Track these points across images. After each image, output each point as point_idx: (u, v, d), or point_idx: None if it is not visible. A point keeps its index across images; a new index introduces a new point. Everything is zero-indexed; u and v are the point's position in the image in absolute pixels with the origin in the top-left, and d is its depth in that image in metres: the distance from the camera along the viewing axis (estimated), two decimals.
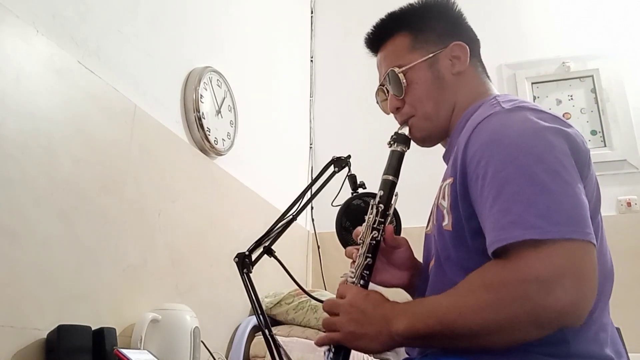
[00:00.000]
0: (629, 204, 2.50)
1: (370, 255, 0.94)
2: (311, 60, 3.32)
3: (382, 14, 1.12)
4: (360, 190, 1.32)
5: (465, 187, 0.82)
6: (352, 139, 2.92)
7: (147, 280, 1.55)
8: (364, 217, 1.01)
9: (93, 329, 1.25)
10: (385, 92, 1.07)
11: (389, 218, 0.98)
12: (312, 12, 3.41)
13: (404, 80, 1.00)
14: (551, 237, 0.69)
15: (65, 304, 1.25)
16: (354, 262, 0.97)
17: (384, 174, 1.00)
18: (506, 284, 0.71)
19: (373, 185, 1.31)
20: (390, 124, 1.10)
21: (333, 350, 0.88)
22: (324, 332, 0.89)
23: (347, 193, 1.32)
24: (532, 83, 2.87)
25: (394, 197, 0.98)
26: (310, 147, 3.13)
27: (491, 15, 2.89)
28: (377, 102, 1.13)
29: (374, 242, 0.95)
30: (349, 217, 1.25)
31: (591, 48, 2.80)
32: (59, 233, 1.26)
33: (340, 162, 1.35)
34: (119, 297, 1.43)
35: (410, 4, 1.06)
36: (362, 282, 0.93)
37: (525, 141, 0.77)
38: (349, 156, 1.37)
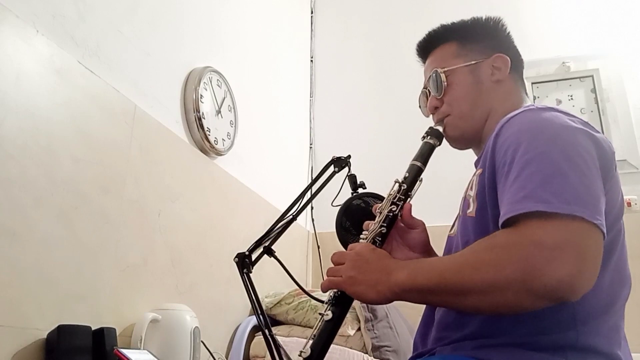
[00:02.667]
0: (629, 204, 2.50)
1: (385, 225, 0.97)
2: (311, 60, 3.32)
3: (381, 15, 1.13)
4: (360, 190, 1.32)
5: (492, 175, 0.85)
6: (352, 139, 2.92)
7: (147, 280, 1.55)
8: (364, 217, 1.02)
9: (93, 329, 1.25)
10: (427, 94, 1.11)
11: (410, 199, 1.01)
12: (312, 12, 3.41)
13: (445, 81, 1.05)
14: (560, 212, 0.71)
15: (65, 304, 1.25)
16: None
17: (413, 160, 1.03)
18: (509, 246, 0.73)
19: (373, 185, 1.31)
20: (391, 125, 1.10)
21: (333, 302, 0.90)
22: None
23: (347, 193, 1.32)
24: (532, 83, 2.86)
25: (418, 181, 1.02)
26: (310, 147, 3.13)
27: (491, 15, 2.89)
28: (419, 107, 1.17)
29: (391, 214, 0.98)
30: (349, 217, 1.25)
31: (591, 48, 2.80)
32: (59, 233, 1.26)
33: (340, 162, 1.35)
34: (119, 297, 1.43)
35: (462, 19, 1.12)
36: None
37: (552, 133, 0.80)
38: (349, 156, 1.37)
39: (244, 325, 2.00)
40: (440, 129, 1.05)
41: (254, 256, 1.25)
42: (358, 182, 1.34)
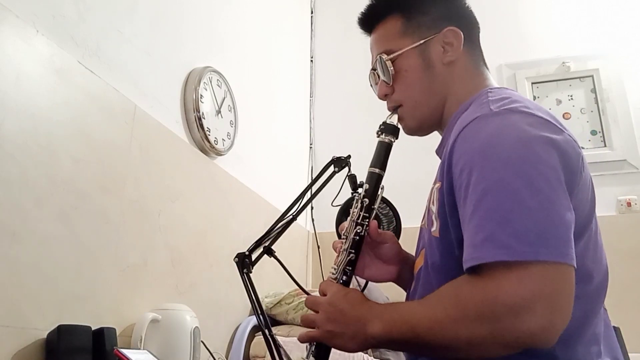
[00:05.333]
0: (629, 204, 2.50)
1: (353, 250, 0.94)
2: (311, 60, 3.32)
3: None
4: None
5: (451, 193, 0.81)
6: (352, 139, 2.91)
7: (147, 280, 1.55)
8: None
9: (93, 329, 1.25)
10: (376, 76, 1.03)
11: (374, 212, 0.97)
12: (312, 12, 3.41)
13: (392, 68, 0.97)
14: (523, 259, 0.67)
15: (65, 304, 1.25)
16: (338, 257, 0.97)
17: (370, 166, 0.97)
18: (475, 303, 0.70)
19: None
20: None
21: (315, 343, 0.89)
22: None
23: (347, 193, 1.32)
24: (532, 83, 2.86)
25: (380, 190, 0.97)
26: (310, 147, 3.13)
27: (491, 15, 2.88)
28: (371, 85, 1.09)
29: (357, 237, 0.94)
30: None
31: (591, 48, 2.80)
32: (59, 233, 1.26)
33: (340, 162, 1.35)
34: (119, 297, 1.43)
35: None
36: (344, 277, 0.93)
37: (508, 152, 0.74)
38: (349, 156, 1.37)
39: (244, 325, 2.00)
40: (395, 120, 0.98)
41: (254, 256, 1.25)
42: (358, 182, 1.34)
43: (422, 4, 0.99)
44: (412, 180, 1.94)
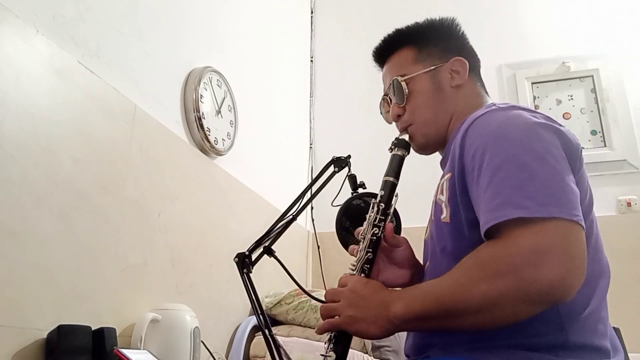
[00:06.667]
0: (629, 204, 2.50)
1: (370, 250, 0.97)
2: (311, 60, 3.32)
3: (381, 15, 1.13)
4: (360, 190, 1.32)
5: (463, 179, 0.86)
6: (352, 139, 2.92)
7: (147, 280, 1.55)
8: (364, 216, 1.03)
9: (93, 329, 1.25)
10: (389, 101, 1.11)
11: (389, 217, 1.01)
12: (312, 12, 3.41)
13: (406, 90, 1.06)
14: (538, 216, 0.72)
15: (65, 304, 1.25)
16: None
17: (385, 175, 1.03)
18: (495, 259, 0.74)
19: (373, 185, 1.31)
20: (391, 124, 1.11)
21: (333, 340, 0.89)
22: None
23: (347, 193, 1.32)
24: (532, 83, 2.86)
25: (394, 197, 1.02)
26: (310, 147, 3.13)
27: (491, 15, 2.89)
28: (381, 113, 1.17)
29: (375, 238, 0.98)
30: (349, 217, 1.25)
31: (591, 48, 2.80)
32: (59, 233, 1.26)
33: (340, 162, 1.35)
34: (119, 297, 1.43)
35: (416, 22, 1.12)
36: (362, 275, 0.96)
37: (516, 133, 0.82)
38: (349, 156, 1.37)
39: (244, 325, 2.00)
40: (407, 138, 1.06)
41: (254, 256, 1.25)
42: (358, 182, 1.34)
43: (433, 37, 1.10)
44: (410, 183, 1.95)
